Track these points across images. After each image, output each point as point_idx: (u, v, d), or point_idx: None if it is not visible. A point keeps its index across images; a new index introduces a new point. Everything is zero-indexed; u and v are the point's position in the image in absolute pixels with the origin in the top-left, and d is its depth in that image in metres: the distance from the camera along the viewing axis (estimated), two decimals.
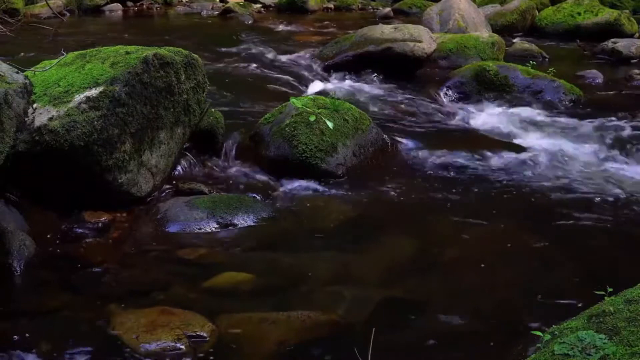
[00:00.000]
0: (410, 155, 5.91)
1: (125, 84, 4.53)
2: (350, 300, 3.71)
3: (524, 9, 12.03)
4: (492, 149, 6.00)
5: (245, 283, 3.85)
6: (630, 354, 2.40)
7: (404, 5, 14.91)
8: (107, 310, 3.50)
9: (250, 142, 5.74)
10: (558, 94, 7.64)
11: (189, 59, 5.05)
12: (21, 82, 3.97)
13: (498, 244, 4.39)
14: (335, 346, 3.28)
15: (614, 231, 4.60)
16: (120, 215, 4.56)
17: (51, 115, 4.33)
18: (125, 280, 3.90)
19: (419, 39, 8.13)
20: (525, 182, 5.39)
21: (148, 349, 3.18)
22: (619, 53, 10.09)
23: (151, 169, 4.78)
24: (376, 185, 5.27)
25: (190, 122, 5.12)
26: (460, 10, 10.24)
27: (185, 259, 4.13)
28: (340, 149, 5.45)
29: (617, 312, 2.66)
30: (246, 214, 4.62)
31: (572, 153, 6.04)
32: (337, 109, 5.66)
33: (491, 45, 8.92)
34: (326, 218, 4.79)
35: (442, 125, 6.87)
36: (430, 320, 3.54)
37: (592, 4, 11.80)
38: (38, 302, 3.64)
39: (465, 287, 3.90)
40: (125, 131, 4.52)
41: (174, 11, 14.62)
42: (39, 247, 4.10)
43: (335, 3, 15.36)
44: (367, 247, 4.36)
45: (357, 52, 8.31)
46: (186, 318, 3.39)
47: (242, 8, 14.31)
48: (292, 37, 11.42)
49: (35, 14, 12.64)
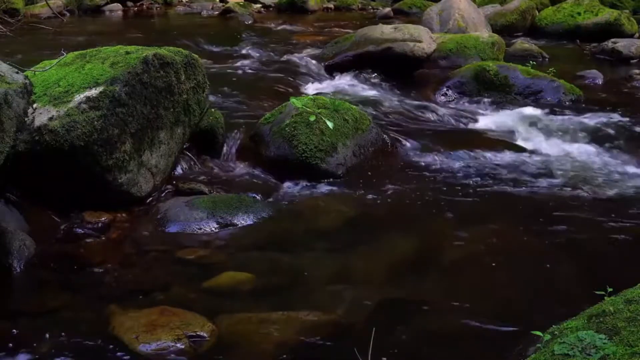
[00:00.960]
0: (410, 155, 5.91)
1: (125, 84, 4.53)
2: (350, 300, 3.71)
3: (524, 9, 12.03)
4: (491, 149, 6.00)
5: (245, 283, 3.85)
6: (630, 354, 2.40)
7: (404, 5, 14.92)
8: (107, 310, 3.50)
9: (250, 142, 5.74)
10: (558, 94, 7.64)
11: (189, 59, 5.05)
12: (21, 82, 3.97)
13: (498, 244, 4.38)
14: (335, 346, 3.28)
15: (614, 231, 4.59)
16: (120, 215, 4.56)
17: (51, 115, 4.33)
18: (125, 280, 3.90)
19: (419, 39, 8.13)
20: (525, 182, 5.39)
21: (148, 349, 3.18)
22: (619, 53, 10.09)
23: (151, 169, 4.78)
24: (376, 185, 5.27)
25: (190, 122, 5.13)
26: (460, 10, 10.24)
27: (185, 259, 4.13)
28: (340, 149, 5.45)
29: (617, 312, 2.66)
30: (246, 214, 4.62)
31: (572, 153, 6.04)
32: (337, 109, 5.66)
33: (491, 45, 8.92)
34: (326, 218, 4.79)
35: (441, 125, 6.87)
36: (430, 320, 3.53)
37: (592, 4, 11.81)
38: (38, 302, 3.64)
39: (465, 287, 3.89)
40: (125, 131, 4.53)
41: (174, 11, 14.63)
42: (39, 247, 4.10)
43: (335, 3, 15.37)
44: (367, 247, 4.35)
45: (357, 52, 8.32)
46: (186, 318, 3.39)
47: (242, 8, 14.33)
48: (292, 37, 11.43)
49: (35, 14, 12.66)
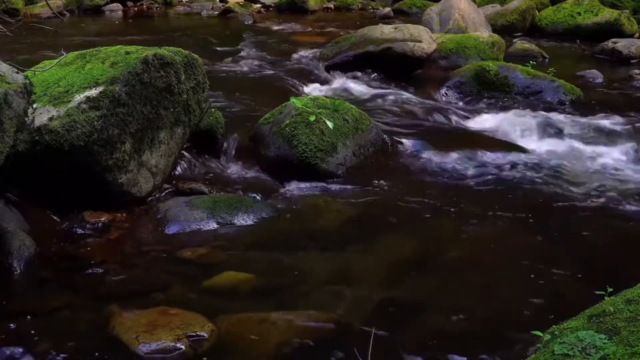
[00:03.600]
0: (410, 155, 5.91)
1: (125, 84, 4.53)
2: (350, 300, 3.71)
3: (524, 9, 12.02)
4: (491, 149, 5.99)
5: (245, 283, 3.85)
6: (630, 354, 2.40)
7: (404, 5, 14.91)
8: (107, 310, 3.50)
9: (250, 142, 5.74)
10: (558, 94, 7.64)
11: (189, 59, 5.05)
12: (21, 82, 3.97)
13: (498, 244, 4.39)
14: (335, 346, 3.28)
15: (614, 231, 4.60)
16: (120, 215, 4.56)
17: (51, 115, 4.33)
18: (125, 280, 3.90)
19: (418, 39, 8.13)
20: (525, 182, 5.39)
21: (148, 349, 3.18)
22: (619, 53, 10.09)
23: (151, 169, 4.78)
24: (376, 185, 5.27)
25: (190, 122, 5.13)
26: (460, 10, 10.24)
27: (185, 259, 4.13)
28: (340, 149, 5.45)
29: (617, 312, 2.66)
30: (246, 214, 4.63)
31: (572, 153, 6.04)
32: (337, 109, 5.66)
33: (491, 45, 8.91)
34: (326, 218, 4.79)
35: (441, 126, 6.87)
36: (430, 320, 3.54)
37: (592, 4, 11.80)
38: (38, 302, 3.64)
39: (465, 287, 3.90)
40: (125, 131, 4.53)
41: (174, 11, 14.62)
42: (39, 247, 4.10)
43: (335, 3, 15.36)
44: (367, 247, 4.36)
45: (357, 52, 8.32)
46: (186, 318, 3.39)
47: (242, 8, 14.32)
48: (292, 37, 11.42)
49: (35, 14, 12.64)
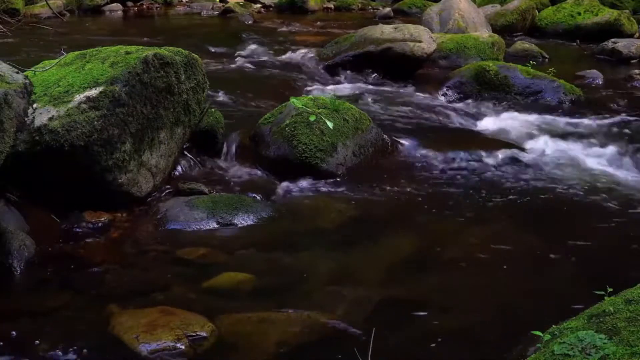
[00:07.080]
0: (410, 156, 5.91)
1: (125, 84, 4.53)
2: (350, 300, 3.71)
3: (524, 9, 12.02)
4: (491, 149, 5.99)
5: (245, 283, 3.85)
6: (630, 354, 2.40)
7: (404, 5, 14.91)
8: (107, 310, 3.50)
9: (250, 142, 5.74)
10: (558, 94, 7.63)
11: (189, 59, 5.05)
12: (21, 82, 3.97)
13: (498, 244, 4.38)
14: (335, 346, 3.28)
15: (614, 231, 4.59)
16: (120, 215, 4.56)
17: (51, 115, 4.33)
18: (125, 280, 3.90)
19: (418, 39, 8.13)
20: (525, 182, 5.39)
21: (148, 349, 3.18)
22: (619, 53, 10.08)
23: (151, 169, 4.78)
24: (376, 185, 5.27)
25: (190, 122, 5.13)
26: (460, 10, 10.24)
27: (185, 259, 4.13)
28: (340, 149, 5.45)
29: (617, 312, 2.66)
30: (246, 214, 4.63)
31: (572, 153, 6.03)
32: (337, 109, 5.66)
33: (491, 45, 8.91)
34: (326, 218, 4.79)
35: (441, 126, 6.86)
36: (430, 320, 3.53)
37: (592, 4, 11.80)
38: (38, 302, 3.63)
39: (465, 287, 3.89)
40: (125, 131, 4.52)
41: (174, 11, 14.62)
42: (39, 247, 4.10)
43: (335, 3, 15.36)
44: (367, 247, 4.35)
45: (357, 52, 8.32)
46: (186, 318, 3.39)
47: (242, 8, 14.33)
48: (292, 37, 11.42)
49: (35, 14, 12.65)
